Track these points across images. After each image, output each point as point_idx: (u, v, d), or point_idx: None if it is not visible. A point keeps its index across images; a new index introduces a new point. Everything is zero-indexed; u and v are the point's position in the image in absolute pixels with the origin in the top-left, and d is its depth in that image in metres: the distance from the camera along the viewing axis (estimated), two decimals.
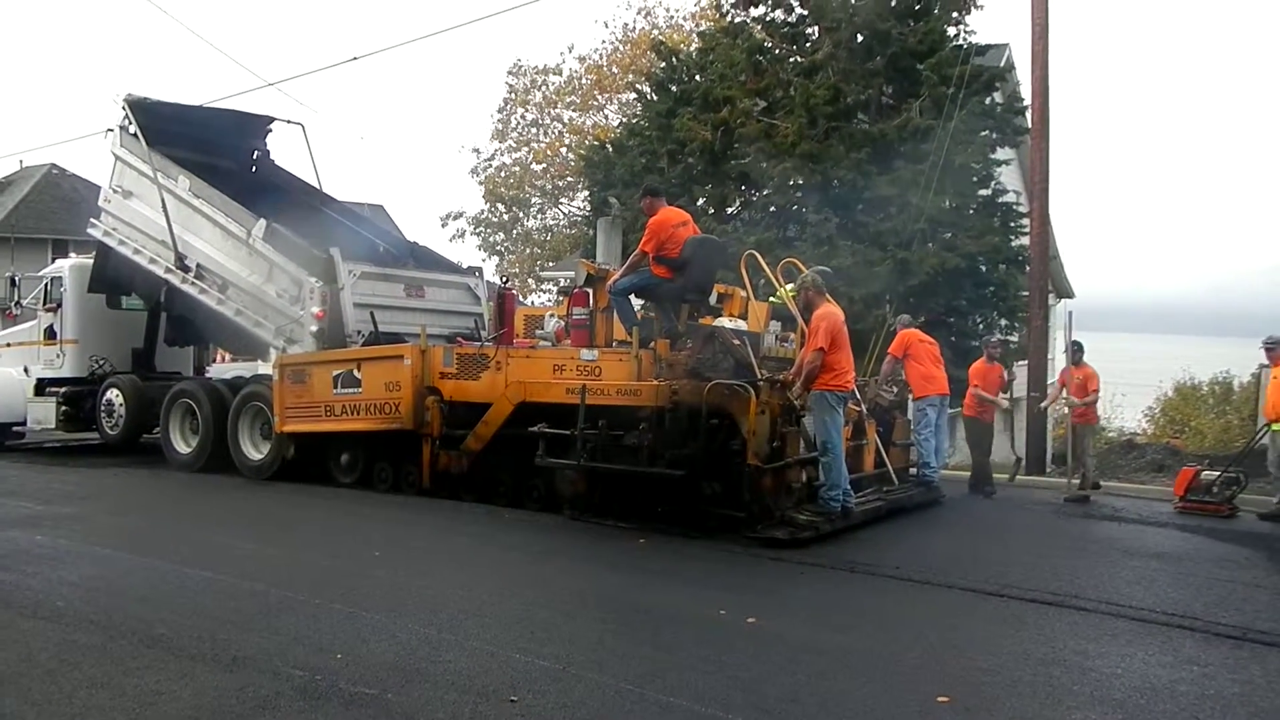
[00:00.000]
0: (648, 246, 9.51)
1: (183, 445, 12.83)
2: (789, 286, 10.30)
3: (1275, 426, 10.95)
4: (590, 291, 10.06)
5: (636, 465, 8.60)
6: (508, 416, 9.73)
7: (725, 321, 10.00)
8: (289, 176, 15.22)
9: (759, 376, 8.71)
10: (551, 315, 11.83)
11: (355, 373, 10.86)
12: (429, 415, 10.38)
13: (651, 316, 9.95)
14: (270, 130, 15.16)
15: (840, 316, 9.05)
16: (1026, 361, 15.66)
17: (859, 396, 10.27)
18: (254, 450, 12.08)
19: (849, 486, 8.96)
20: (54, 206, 33.51)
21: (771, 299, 11.15)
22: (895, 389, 11.24)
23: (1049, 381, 15.02)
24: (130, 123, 13.10)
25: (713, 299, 10.73)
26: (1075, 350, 11.90)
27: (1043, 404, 13.74)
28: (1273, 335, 11.16)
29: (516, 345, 10.75)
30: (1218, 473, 11.14)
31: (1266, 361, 11.40)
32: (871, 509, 9.57)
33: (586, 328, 9.98)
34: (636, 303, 10.07)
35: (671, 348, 9.22)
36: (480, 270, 13.81)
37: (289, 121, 15.10)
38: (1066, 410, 11.87)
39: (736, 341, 9.17)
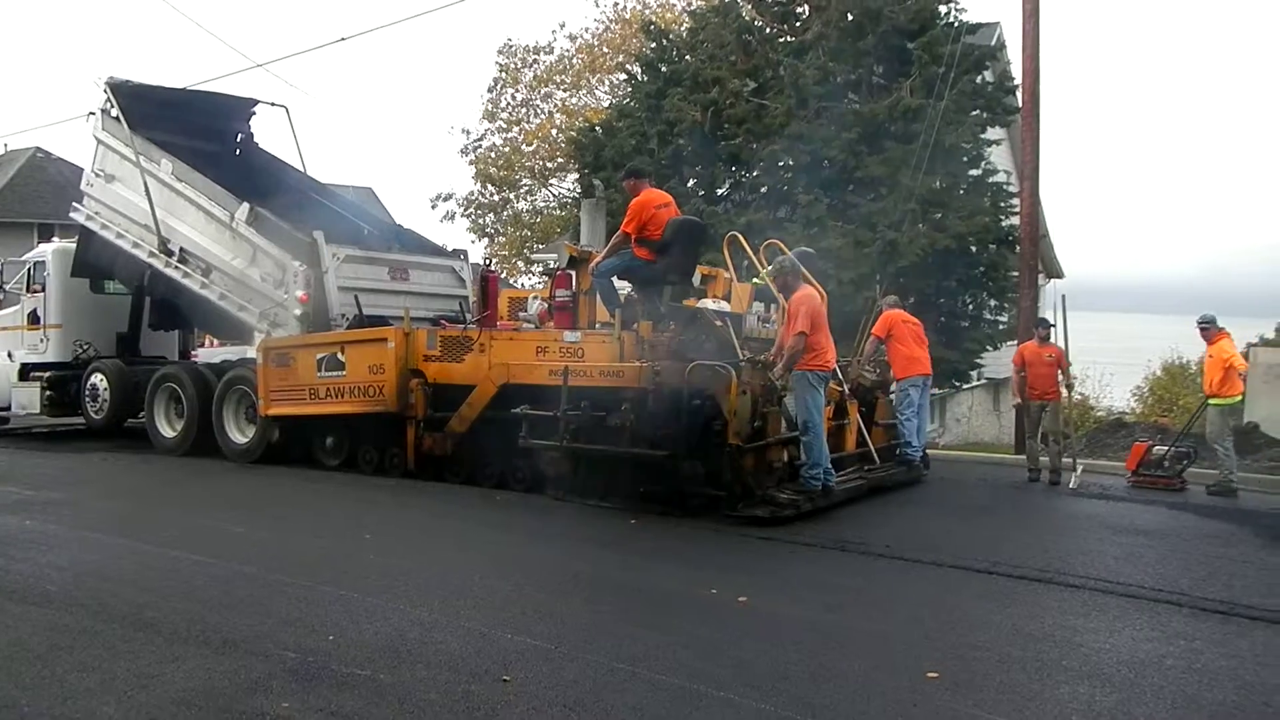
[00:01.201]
0: (629, 228, 9.51)
1: (168, 429, 12.80)
2: (769, 269, 10.31)
3: (1212, 402, 11.12)
4: (573, 274, 10.07)
5: (619, 446, 8.66)
6: (491, 398, 9.76)
7: (709, 303, 10.01)
8: (273, 159, 15.13)
9: (741, 357, 8.73)
10: (535, 297, 11.84)
11: (339, 356, 10.85)
12: (413, 397, 10.39)
13: (634, 298, 9.95)
14: (254, 113, 15.06)
15: (818, 298, 9.10)
16: (1016, 342, 15.67)
17: (841, 376, 10.33)
18: (239, 434, 12.06)
19: (830, 465, 9.02)
20: (39, 190, 33.28)
21: (754, 280, 11.16)
22: (877, 369, 11.28)
23: None
24: (112, 106, 13.00)
25: (696, 280, 10.72)
26: (1045, 327, 11.86)
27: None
28: (1204, 315, 11.30)
29: (500, 327, 10.75)
30: (1168, 448, 11.28)
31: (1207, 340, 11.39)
32: (853, 487, 9.63)
33: (570, 310, 9.98)
34: (620, 285, 10.07)
35: (654, 329, 9.24)
36: (465, 253, 13.79)
37: (273, 104, 15.05)
38: (1065, 391, 11.80)
39: (719, 323, 9.21)
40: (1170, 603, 6.13)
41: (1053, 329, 11.88)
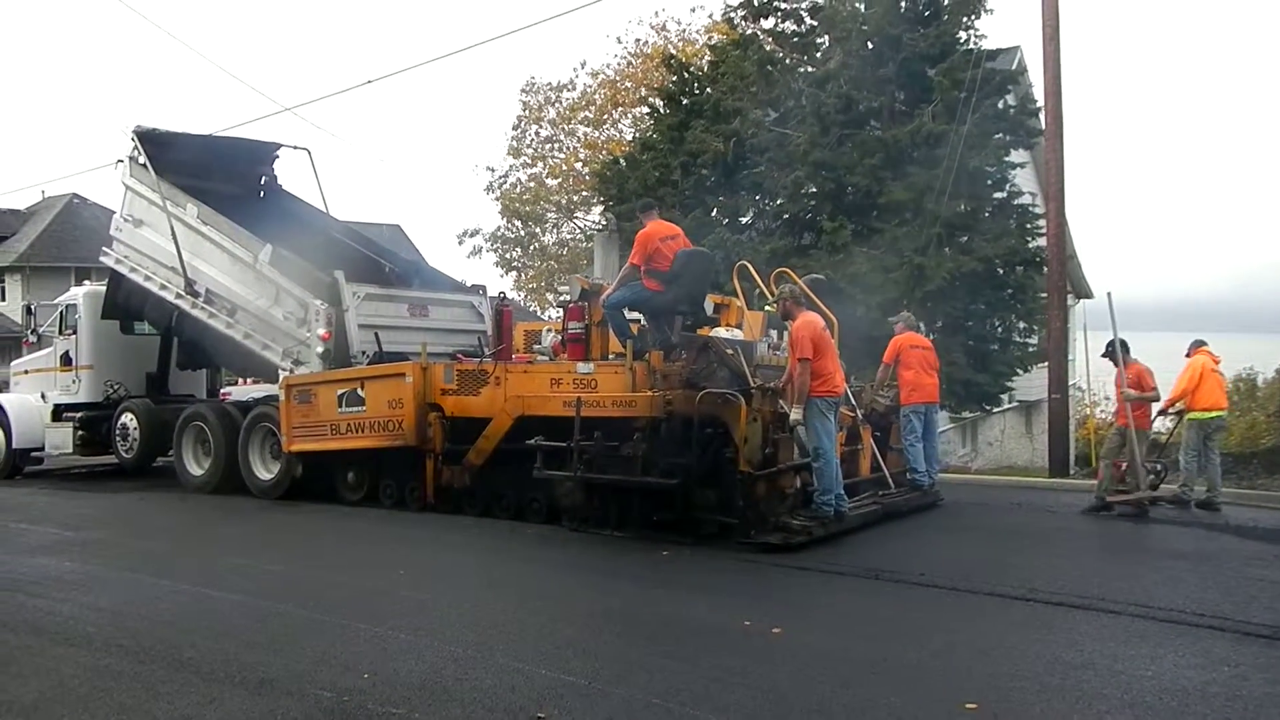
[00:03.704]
0: (636, 259, 9.64)
1: (195, 467, 12.95)
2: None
3: (1189, 415, 11.09)
4: (585, 306, 10.18)
5: (632, 475, 8.71)
6: (507, 430, 9.84)
7: (721, 331, 10.04)
8: (296, 200, 15.39)
9: (752, 385, 8.76)
10: (549, 330, 11.95)
11: (359, 391, 10.97)
12: (431, 431, 10.49)
13: (645, 329, 10.02)
14: (277, 156, 15.36)
15: (820, 323, 9.12)
16: (1047, 364, 15.54)
17: (854, 401, 10.28)
18: (264, 470, 12.19)
19: (842, 491, 9.02)
20: (76, 235, 33.95)
21: (766, 308, 11.19)
22: (890, 394, 11.21)
23: (1070, 382, 14.86)
24: (139, 153, 13.27)
25: (710, 309, 10.77)
26: (1118, 349, 11.27)
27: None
28: (1196, 338, 11.36)
29: (515, 360, 10.85)
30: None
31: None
32: (867, 513, 9.62)
33: (582, 341, 10.11)
34: (633, 316, 10.14)
35: (665, 359, 9.31)
36: (484, 288, 13.93)
37: (295, 147, 15.23)
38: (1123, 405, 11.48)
39: (730, 351, 9.24)
40: (1213, 628, 6.02)
41: (1126, 350, 11.36)
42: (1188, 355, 11.38)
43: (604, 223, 23.13)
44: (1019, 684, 4.97)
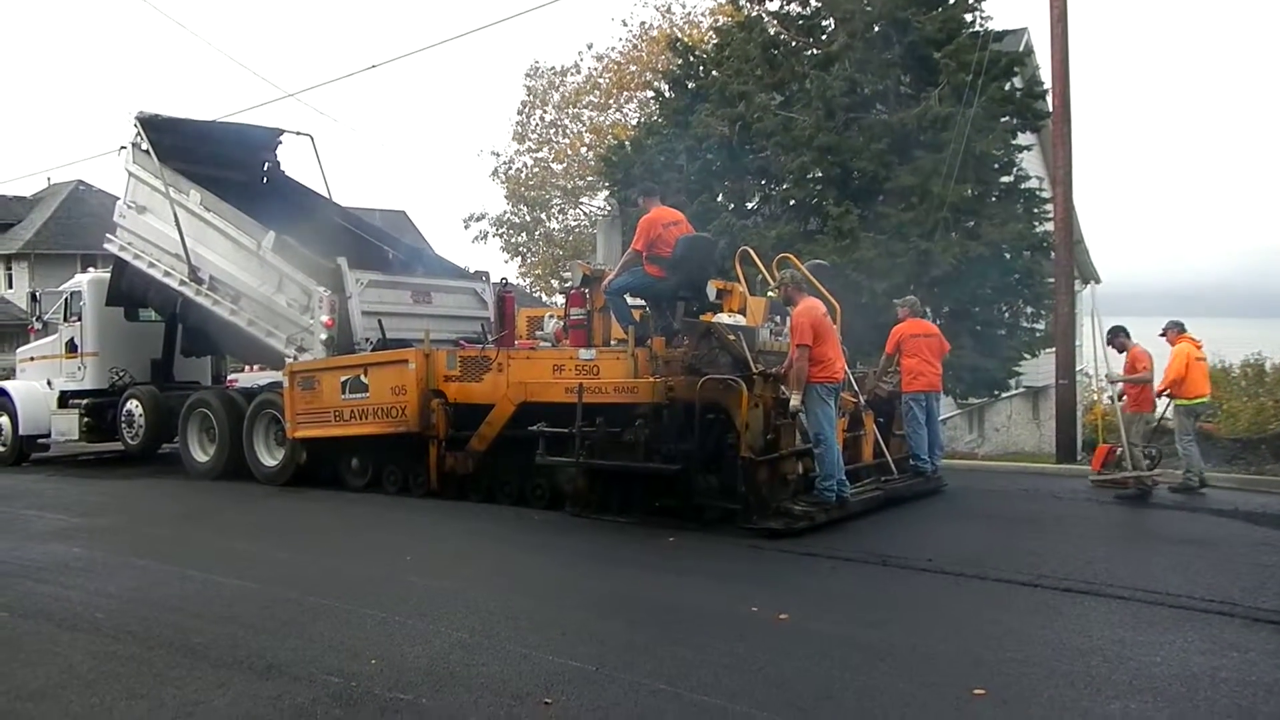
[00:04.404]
0: (638, 245, 9.64)
1: (200, 454, 12.99)
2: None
3: (1176, 403, 11.15)
4: (587, 292, 10.18)
5: (634, 461, 8.73)
6: (510, 417, 9.85)
7: (724, 317, 10.04)
8: (299, 187, 15.38)
9: (754, 370, 8.76)
10: (551, 316, 11.95)
11: (362, 378, 10.98)
12: (434, 418, 10.49)
13: (648, 315, 10.01)
14: (280, 142, 15.32)
15: (821, 309, 9.09)
16: (1054, 349, 15.49)
17: (856, 387, 10.26)
18: (269, 457, 12.22)
19: (844, 477, 9.01)
20: (82, 222, 33.96)
21: (769, 293, 11.17)
22: (893, 380, 11.18)
23: (1078, 369, 14.78)
24: (142, 139, 13.24)
25: (712, 295, 10.77)
26: (1114, 335, 11.41)
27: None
28: (1171, 320, 11.39)
29: (518, 346, 10.83)
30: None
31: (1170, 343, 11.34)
32: (869, 499, 9.60)
33: (584, 328, 10.13)
34: (635, 302, 10.13)
35: (667, 345, 9.31)
36: (486, 274, 13.91)
37: (298, 133, 15.20)
38: (1112, 392, 11.57)
39: (732, 337, 9.23)
40: (1222, 613, 6.00)
41: (1122, 334, 11.40)
42: (1162, 334, 11.39)
43: (608, 208, 23.06)
44: (1027, 669, 4.96)
